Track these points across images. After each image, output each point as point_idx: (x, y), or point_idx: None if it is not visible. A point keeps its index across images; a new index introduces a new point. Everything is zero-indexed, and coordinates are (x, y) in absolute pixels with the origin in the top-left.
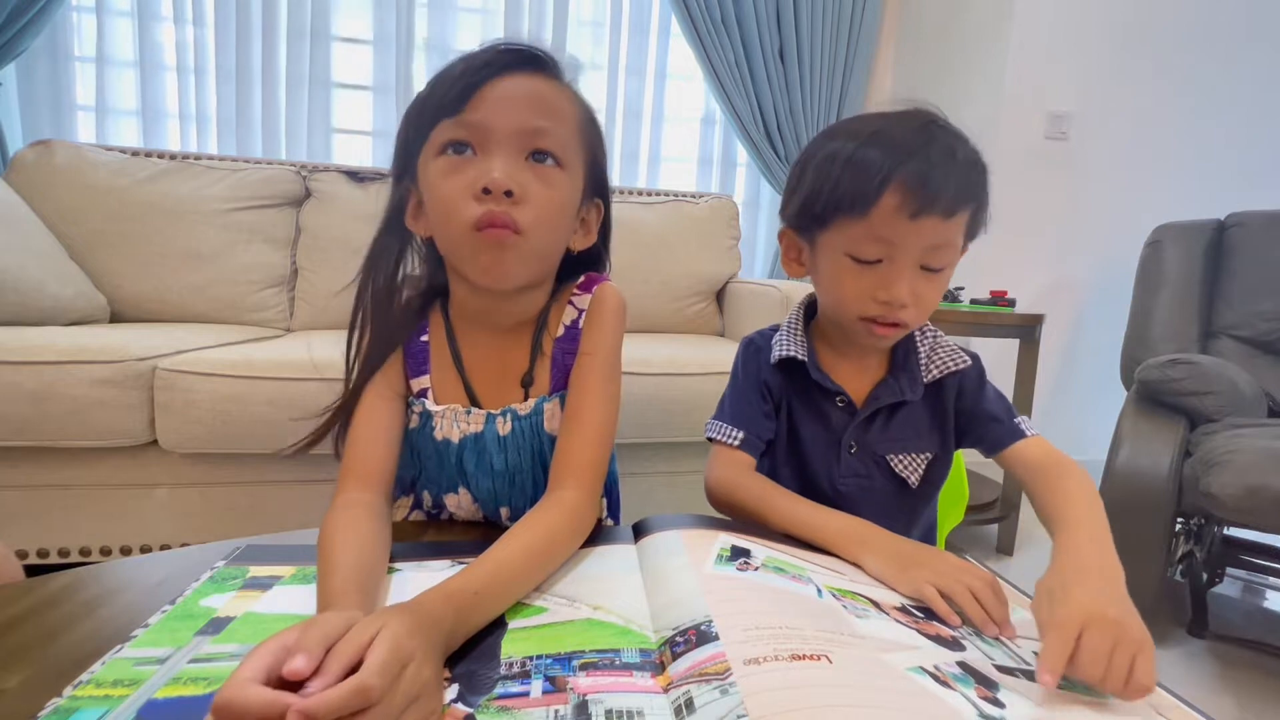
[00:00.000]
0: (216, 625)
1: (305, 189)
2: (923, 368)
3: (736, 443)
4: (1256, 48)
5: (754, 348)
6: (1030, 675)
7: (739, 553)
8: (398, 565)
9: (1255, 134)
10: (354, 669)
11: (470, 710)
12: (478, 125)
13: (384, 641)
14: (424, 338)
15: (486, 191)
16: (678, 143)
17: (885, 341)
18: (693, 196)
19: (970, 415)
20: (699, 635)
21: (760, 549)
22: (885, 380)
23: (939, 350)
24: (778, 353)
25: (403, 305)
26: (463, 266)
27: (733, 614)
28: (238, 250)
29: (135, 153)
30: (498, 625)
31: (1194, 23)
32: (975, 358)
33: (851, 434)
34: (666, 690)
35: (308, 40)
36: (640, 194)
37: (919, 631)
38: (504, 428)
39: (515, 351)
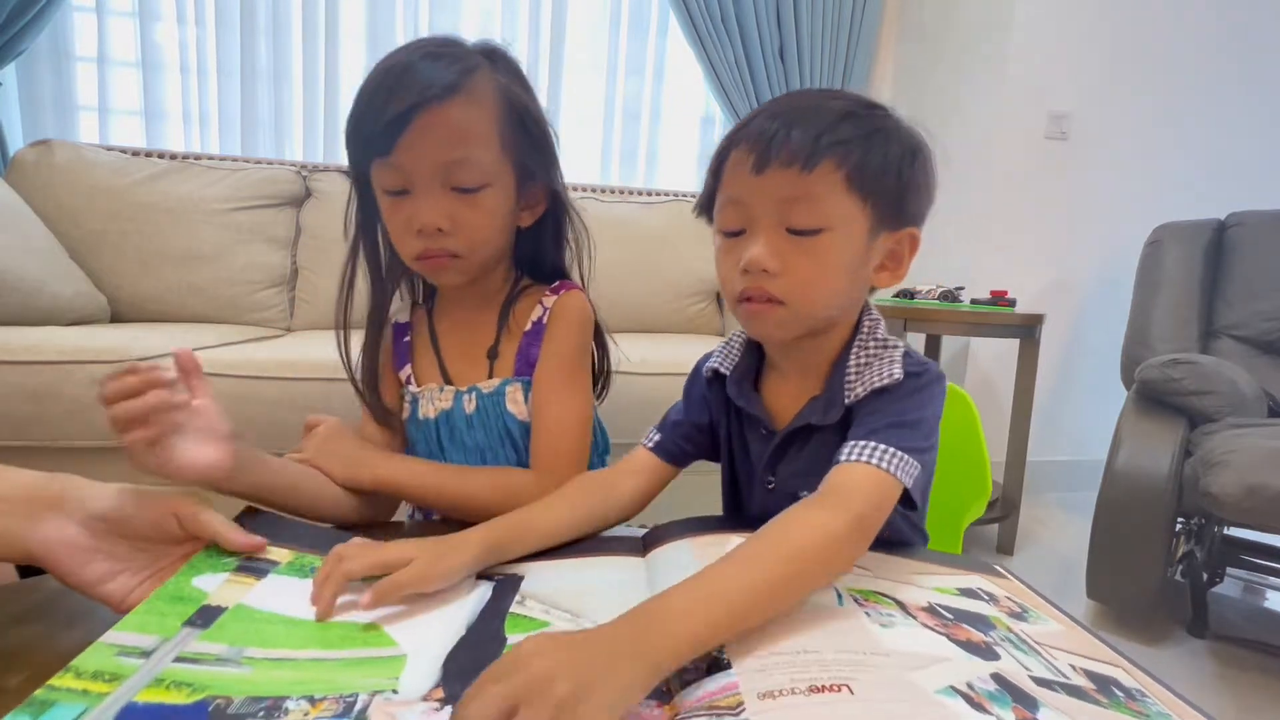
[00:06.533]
0: (206, 617)
1: (305, 189)
2: (848, 387)
3: (651, 445)
4: (1257, 48)
5: (702, 363)
6: (1070, 689)
7: None
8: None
9: (1255, 134)
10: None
11: None
12: (403, 169)
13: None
14: (406, 338)
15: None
16: (677, 142)
17: (767, 326)
18: (692, 196)
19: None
20: (710, 662)
21: None
22: (807, 404)
23: (873, 365)
24: (708, 365)
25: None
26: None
27: (746, 637)
28: (238, 250)
29: (135, 153)
30: (497, 641)
31: (1194, 23)
32: (918, 375)
33: (767, 466)
34: None
35: (307, 39)
36: (640, 193)
37: (949, 637)
38: (469, 405)
39: (483, 328)
